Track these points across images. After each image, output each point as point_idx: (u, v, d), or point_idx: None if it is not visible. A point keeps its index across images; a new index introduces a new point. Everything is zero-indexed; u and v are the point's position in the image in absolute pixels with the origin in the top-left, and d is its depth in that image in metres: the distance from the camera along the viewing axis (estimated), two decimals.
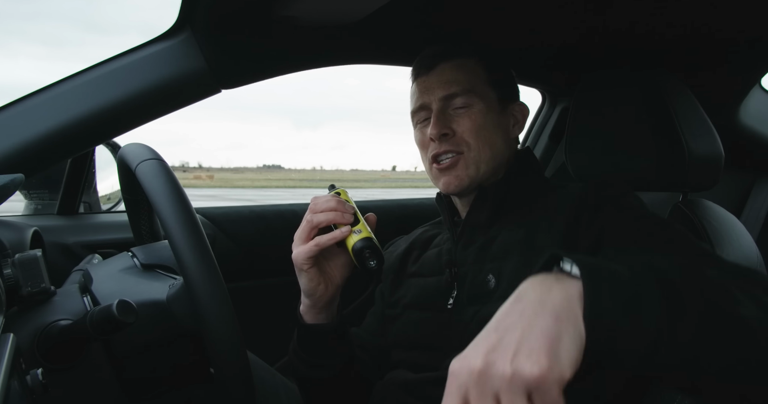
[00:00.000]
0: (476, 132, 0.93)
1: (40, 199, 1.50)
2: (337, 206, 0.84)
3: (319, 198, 0.88)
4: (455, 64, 0.96)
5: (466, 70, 0.96)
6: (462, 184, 0.94)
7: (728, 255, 1.00)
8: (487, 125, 0.95)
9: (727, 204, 1.19)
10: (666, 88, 1.05)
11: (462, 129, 0.94)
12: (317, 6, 0.97)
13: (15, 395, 0.54)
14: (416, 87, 0.99)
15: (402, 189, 32.73)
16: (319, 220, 0.84)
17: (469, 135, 0.94)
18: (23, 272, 0.70)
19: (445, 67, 0.96)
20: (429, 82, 0.97)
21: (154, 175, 0.69)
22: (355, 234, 0.84)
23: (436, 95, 0.95)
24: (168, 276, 0.79)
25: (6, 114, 0.91)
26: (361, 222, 0.85)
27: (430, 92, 0.96)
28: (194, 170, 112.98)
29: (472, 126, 0.94)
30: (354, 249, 0.83)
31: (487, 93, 0.96)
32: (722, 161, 1.08)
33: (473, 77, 0.96)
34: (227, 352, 0.63)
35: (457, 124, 0.94)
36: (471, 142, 0.94)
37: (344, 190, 0.92)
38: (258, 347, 1.06)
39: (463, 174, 0.94)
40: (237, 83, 1.06)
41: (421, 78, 0.98)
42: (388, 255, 1.08)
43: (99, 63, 0.96)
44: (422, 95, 0.97)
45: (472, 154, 0.94)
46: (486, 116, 0.95)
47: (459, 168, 0.94)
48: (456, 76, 0.95)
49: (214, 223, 1.46)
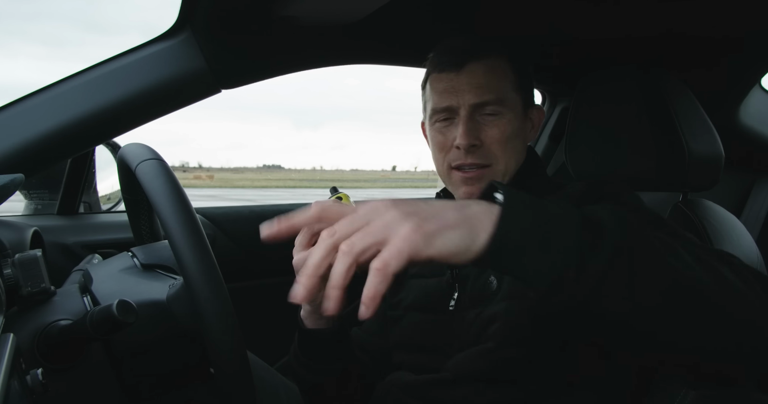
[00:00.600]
0: (505, 143, 0.91)
1: (40, 198, 1.50)
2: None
3: (323, 204, 0.87)
4: (487, 65, 0.91)
5: (498, 75, 0.91)
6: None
7: None
8: (514, 135, 0.92)
9: (727, 205, 1.19)
10: (666, 87, 1.05)
11: (491, 140, 0.90)
12: (317, 6, 0.97)
13: (15, 395, 0.54)
14: (440, 84, 0.93)
15: (402, 189, 32.73)
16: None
17: (498, 147, 0.91)
18: (23, 272, 0.70)
19: (477, 68, 0.90)
20: (458, 83, 0.91)
21: (154, 175, 0.69)
22: None
23: (465, 100, 0.90)
24: (168, 276, 0.79)
25: (6, 114, 0.91)
26: None
27: (459, 95, 0.90)
28: (194, 170, 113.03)
29: (501, 137, 0.90)
30: None
31: (515, 100, 0.93)
32: (722, 161, 1.08)
33: (505, 83, 0.92)
34: (227, 352, 0.63)
35: (485, 133, 0.90)
36: (499, 155, 0.91)
37: (346, 195, 0.91)
38: (258, 347, 1.06)
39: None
40: (237, 83, 1.06)
41: (447, 74, 0.92)
42: None
43: (99, 63, 0.96)
44: (449, 95, 0.91)
45: (499, 168, 0.92)
46: (513, 125, 0.92)
47: (484, 182, 0.90)
48: (489, 81, 0.90)
49: (214, 223, 1.46)
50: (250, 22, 0.98)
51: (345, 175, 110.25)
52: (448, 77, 0.91)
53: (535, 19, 1.10)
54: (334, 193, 0.92)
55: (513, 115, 0.92)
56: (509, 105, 0.91)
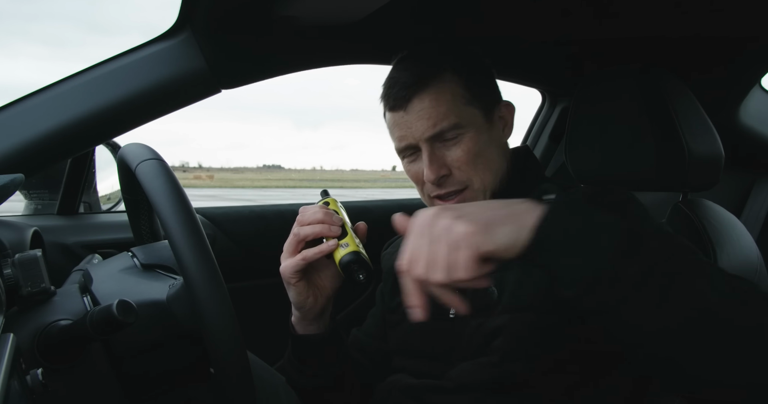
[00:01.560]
0: (473, 161, 0.88)
1: (40, 198, 1.50)
2: (325, 218, 0.83)
3: (307, 209, 0.86)
4: (431, 94, 0.88)
5: (446, 98, 0.88)
6: None
7: (729, 254, 1.00)
8: (481, 149, 0.89)
9: (727, 205, 1.19)
10: (666, 87, 1.05)
11: (458, 162, 0.88)
12: (317, 6, 0.97)
13: (15, 395, 0.54)
14: (394, 122, 0.91)
15: (402, 189, 32.76)
16: (306, 233, 0.82)
17: (467, 167, 0.88)
18: (23, 272, 0.70)
19: (422, 100, 0.88)
20: (408, 120, 0.89)
21: (154, 175, 0.69)
22: (342, 248, 0.82)
23: (420, 133, 0.88)
24: (168, 276, 0.79)
25: (6, 114, 0.91)
26: (349, 234, 0.83)
27: (413, 129, 0.89)
28: (194, 170, 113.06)
29: (467, 157, 0.88)
30: (341, 263, 0.81)
31: (472, 114, 0.89)
32: (722, 161, 1.08)
33: (455, 104, 0.88)
34: (227, 352, 0.63)
35: (450, 158, 0.88)
36: (471, 175, 0.89)
37: (334, 200, 0.90)
38: (258, 347, 1.06)
39: None
40: (237, 83, 1.06)
41: (396, 112, 0.90)
42: (388, 256, 1.06)
43: (99, 63, 0.96)
44: (405, 133, 0.90)
45: (476, 187, 0.89)
46: (478, 139, 0.89)
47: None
48: (437, 110, 0.87)
49: (214, 223, 1.46)
50: (250, 22, 0.98)
51: (345, 174, 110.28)
52: (398, 115, 0.90)
53: (536, 19, 1.10)
54: (324, 197, 0.91)
55: (475, 130, 0.89)
56: (466, 123, 0.88)
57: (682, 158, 1.01)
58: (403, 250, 0.61)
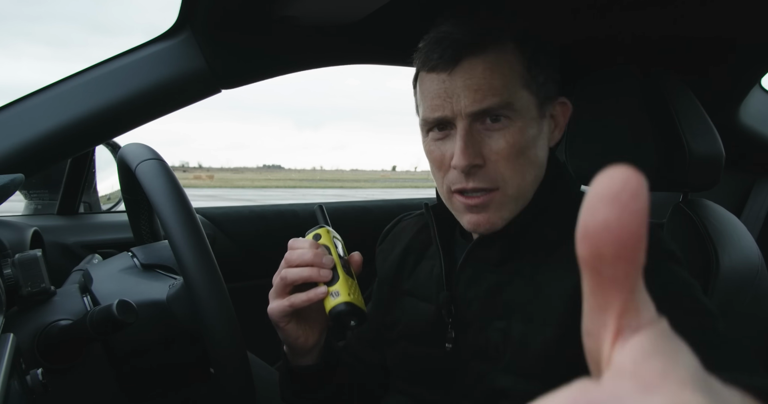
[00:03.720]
0: (514, 158, 0.73)
1: (40, 198, 1.50)
2: (314, 260, 0.72)
3: (296, 244, 0.75)
4: (489, 60, 0.72)
5: (503, 71, 0.72)
6: (494, 227, 0.75)
7: (730, 255, 1.00)
8: (526, 145, 0.74)
9: (727, 205, 1.19)
10: (666, 87, 1.05)
11: (497, 155, 0.72)
12: (317, 6, 0.97)
13: (15, 395, 0.54)
14: (431, 86, 0.74)
15: (402, 189, 32.78)
16: (293, 278, 0.73)
17: (506, 164, 0.73)
18: (23, 272, 0.70)
19: (475, 64, 0.71)
20: (451, 86, 0.72)
21: (154, 175, 0.69)
22: (332, 297, 0.72)
23: (462, 107, 0.71)
24: (168, 276, 0.79)
25: (6, 114, 0.91)
26: (341, 278, 0.73)
27: (454, 100, 0.72)
28: (194, 170, 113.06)
29: (510, 151, 0.72)
30: (331, 313, 0.72)
31: (527, 100, 0.74)
32: (723, 161, 1.08)
33: (512, 80, 0.73)
34: (227, 352, 0.63)
35: (489, 148, 0.73)
36: (507, 174, 0.73)
37: (327, 230, 0.78)
38: (258, 347, 1.06)
39: (496, 216, 0.75)
40: (237, 83, 1.06)
41: (438, 74, 0.73)
42: (383, 256, 0.95)
43: (99, 63, 0.96)
44: (442, 102, 0.73)
45: (509, 191, 0.74)
46: (525, 133, 0.73)
47: (492, 209, 0.74)
48: (491, 81, 0.71)
49: (214, 223, 1.46)
50: (250, 22, 0.98)
51: (345, 174, 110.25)
52: (440, 78, 0.73)
53: (536, 19, 1.10)
54: (313, 229, 0.79)
55: (524, 121, 0.73)
56: (519, 108, 0.73)
57: (683, 158, 1.01)
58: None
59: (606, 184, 0.20)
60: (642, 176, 0.19)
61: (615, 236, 0.19)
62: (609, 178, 0.20)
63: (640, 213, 0.19)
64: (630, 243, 0.19)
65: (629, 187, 0.19)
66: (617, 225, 0.19)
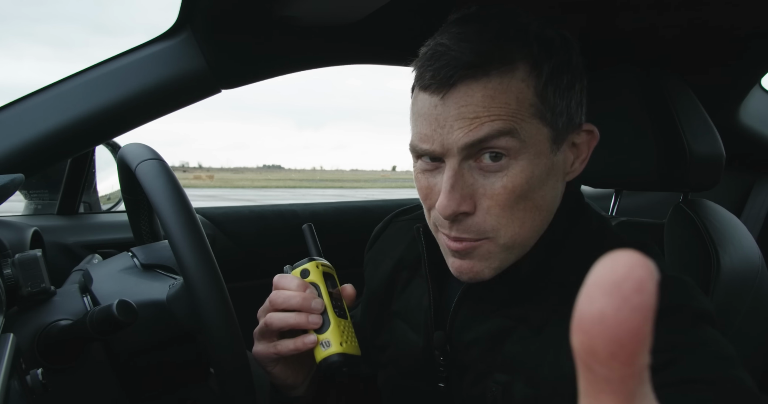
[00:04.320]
0: (512, 205, 0.60)
1: (40, 198, 1.50)
2: (302, 304, 0.66)
3: (282, 283, 0.68)
4: (491, 86, 0.58)
5: (508, 99, 0.58)
6: (480, 276, 0.64)
7: (730, 255, 1.00)
8: (530, 189, 0.60)
9: (727, 205, 1.19)
10: (667, 87, 1.05)
11: (490, 202, 0.60)
12: (317, 6, 0.97)
13: (15, 395, 0.54)
14: (423, 106, 0.61)
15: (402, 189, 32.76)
16: (278, 326, 0.66)
17: (500, 212, 0.60)
18: (23, 272, 0.70)
19: (474, 90, 0.58)
20: (444, 112, 0.59)
21: (154, 175, 0.69)
22: (323, 348, 0.65)
23: (454, 140, 0.59)
24: (168, 276, 0.79)
25: (6, 114, 0.91)
26: (332, 325, 0.66)
27: (446, 131, 0.59)
28: (194, 170, 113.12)
29: (508, 197, 0.60)
30: (321, 366, 0.66)
31: (537, 132, 0.60)
32: (723, 161, 1.08)
33: (517, 107, 0.58)
34: (227, 352, 0.63)
35: (483, 191, 0.60)
36: (501, 223, 0.61)
37: (316, 264, 0.70)
38: None
39: (482, 265, 0.63)
40: (237, 83, 1.06)
41: (431, 95, 0.60)
42: (373, 267, 0.87)
43: (99, 63, 0.96)
44: (432, 132, 0.60)
45: (500, 241, 0.62)
46: (532, 171, 0.60)
47: (477, 258, 0.63)
48: (490, 108, 0.58)
49: (214, 223, 1.46)
50: (250, 22, 0.98)
51: (345, 174, 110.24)
52: (432, 102, 0.60)
53: None
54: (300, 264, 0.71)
55: (531, 158, 0.60)
56: (525, 139, 0.59)
57: (683, 158, 1.01)
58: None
59: (608, 269, 0.17)
60: (651, 265, 0.17)
61: (610, 332, 0.16)
62: (612, 263, 0.17)
63: (644, 310, 0.16)
64: (628, 343, 0.17)
65: (634, 276, 0.16)
66: (614, 319, 0.16)
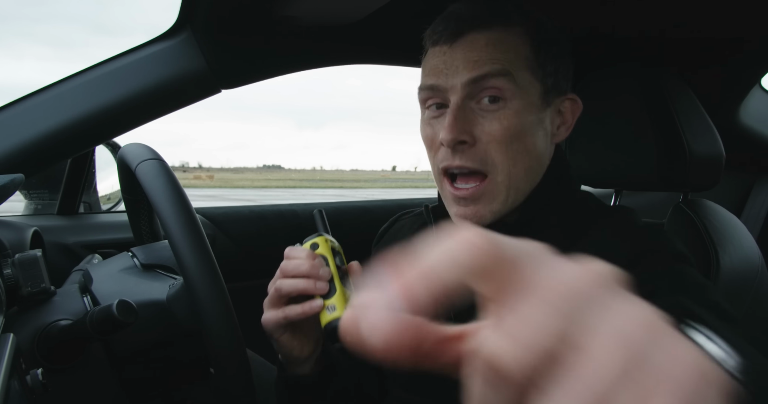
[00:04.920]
0: (507, 143, 0.69)
1: (40, 198, 1.50)
2: (311, 271, 0.70)
3: (293, 254, 0.73)
4: (492, 35, 0.69)
5: (506, 47, 0.70)
6: (482, 221, 0.72)
7: (730, 255, 1.00)
8: (522, 131, 0.70)
9: (727, 205, 1.19)
10: (667, 87, 1.05)
11: (488, 137, 0.69)
12: (317, 6, 0.97)
13: (15, 395, 0.54)
14: (432, 58, 0.73)
15: (402, 189, 32.71)
16: (287, 291, 0.70)
17: (497, 147, 0.69)
18: (23, 272, 0.70)
19: (478, 39, 0.69)
20: (452, 57, 0.70)
21: (154, 175, 0.69)
22: (328, 312, 0.69)
23: (458, 77, 0.69)
24: (168, 276, 0.79)
25: (6, 114, 0.91)
26: (337, 292, 0.70)
27: (451, 72, 0.70)
28: (194, 170, 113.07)
29: (503, 134, 0.69)
30: (326, 329, 0.70)
31: (529, 82, 0.71)
32: (723, 161, 1.08)
33: (516, 58, 0.70)
34: (227, 352, 0.63)
35: (481, 127, 0.70)
36: (498, 159, 0.70)
37: (325, 239, 0.74)
38: (258, 347, 1.06)
39: (485, 210, 0.72)
40: (237, 83, 1.06)
41: (440, 47, 0.72)
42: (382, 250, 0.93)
43: (99, 63, 0.96)
44: (438, 73, 0.71)
45: (499, 179, 0.70)
46: (522, 118, 0.70)
47: (482, 202, 0.72)
48: (491, 53, 0.69)
49: (214, 223, 1.46)
50: (250, 21, 0.98)
51: (345, 174, 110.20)
52: (441, 51, 0.72)
53: None
54: (310, 238, 0.75)
55: (524, 104, 0.70)
56: (520, 84, 0.70)
57: (683, 158, 1.01)
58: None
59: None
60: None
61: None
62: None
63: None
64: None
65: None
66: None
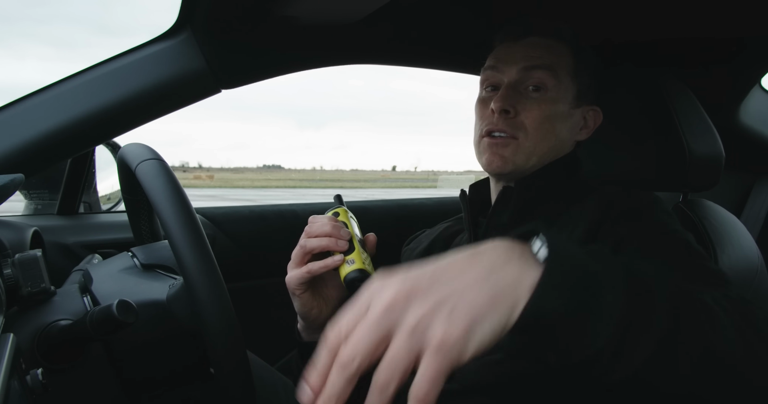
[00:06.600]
0: (539, 121, 0.87)
1: (40, 198, 1.50)
2: (332, 231, 0.80)
3: (316, 219, 0.83)
4: (547, 42, 0.90)
5: (558, 53, 0.90)
6: (505, 167, 0.88)
7: (729, 255, 1.00)
8: (553, 117, 0.88)
9: (727, 205, 1.19)
10: (666, 87, 1.05)
11: (526, 113, 0.87)
12: (317, 6, 0.97)
13: (15, 395, 0.54)
14: (498, 51, 0.93)
15: (402, 189, 32.71)
16: (312, 246, 0.80)
17: (531, 122, 0.87)
18: (23, 272, 0.70)
19: (536, 41, 0.90)
20: (513, 50, 0.90)
21: (154, 174, 0.69)
22: (348, 265, 0.78)
23: (515, 65, 0.89)
24: (168, 276, 0.80)
25: (6, 114, 0.91)
26: (356, 250, 0.80)
27: (510, 60, 0.90)
28: (194, 170, 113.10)
29: (538, 114, 0.87)
30: (345, 279, 0.78)
31: (566, 82, 0.90)
32: (723, 161, 1.08)
33: (560, 61, 0.90)
34: (227, 352, 0.63)
35: (522, 105, 0.87)
36: (530, 130, 0.87)
37: (345, 210, 0.87)
38: (258, 347, 1.06)
39: (510, 158, 0.88)
40: (237, 83, 1.06)
41: (506, 44, 0.92)
42: (409, 252, 1.04)
43: (99, 63, 0.96)
44: (501, 59, 0.91)
45: (527, 143, 0.87)
46: (556, 107, 0.88)
47: (508, 150, 0.88)
48: (543, 53, 0.89)
49: (214, 223, 1.46)
50: (250, 22, 0.98)
51: (345, 174, 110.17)
52: (507, 44, 0.92)
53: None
54: (335, 202, 0.89)
55: (559, 97, 0.89)
56: (558, 81, 0.88)
57: (683, 158, 1.01)
58: (340, 322, 0.43)
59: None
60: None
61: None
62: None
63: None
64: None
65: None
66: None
